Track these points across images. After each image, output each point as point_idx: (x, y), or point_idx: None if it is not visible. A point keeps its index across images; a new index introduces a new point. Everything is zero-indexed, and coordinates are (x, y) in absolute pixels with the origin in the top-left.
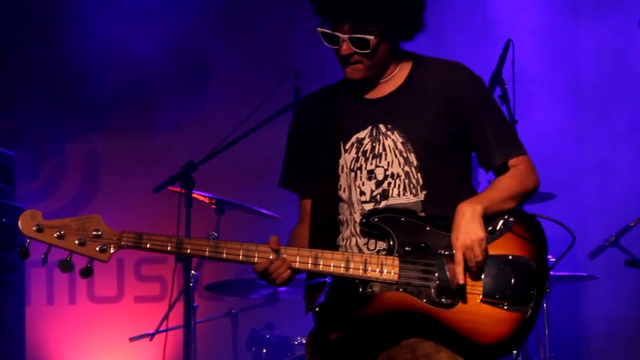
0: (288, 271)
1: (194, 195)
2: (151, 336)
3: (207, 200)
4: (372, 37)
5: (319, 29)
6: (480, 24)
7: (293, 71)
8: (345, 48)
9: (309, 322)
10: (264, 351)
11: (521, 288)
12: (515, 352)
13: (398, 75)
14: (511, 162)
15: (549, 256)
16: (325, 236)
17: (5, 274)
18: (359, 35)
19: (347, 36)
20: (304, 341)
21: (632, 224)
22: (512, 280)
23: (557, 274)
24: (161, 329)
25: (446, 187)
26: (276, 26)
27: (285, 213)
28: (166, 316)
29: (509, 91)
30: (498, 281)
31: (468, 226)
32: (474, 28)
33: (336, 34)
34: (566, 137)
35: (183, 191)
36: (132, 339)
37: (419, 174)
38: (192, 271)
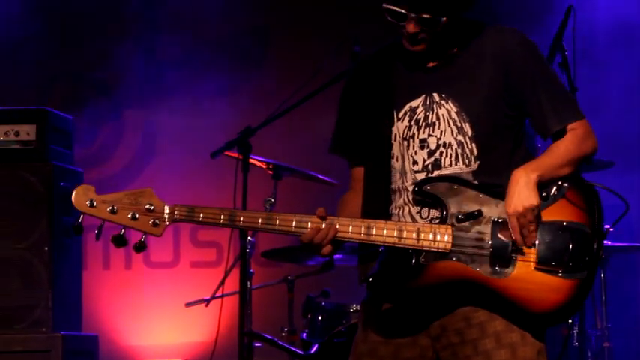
0: (329, 245)
1: (251, 160)
2: (207, 301)
3: (264, 166)
4: (444, 19)
5: (385, 5)
6: None
7: (351, 37)
8: (413, 27)
9: (364, 290)
10: (320, 318)
11: (576, 254)
12: (571, 320)
13: (453, 42)
14: (568, 127)
15: (606, 226)
16: (379, 205)
17: (63, 238)
18: (431, 16)
19: (416, 15)
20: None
21: None
22: (567, 247)
23: (615, 244)
24: (217, 295)
25: (500, 155)
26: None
27: (342, 179)
28: (222, 282)
29: (569, 58)
30: (552, 248)
31: (521, 193)
32: None
33: (406, 13)
34: (629, 105)
35: (240, 157)
36: (188, 304)
37: (473, 144)
38: (249, 238)
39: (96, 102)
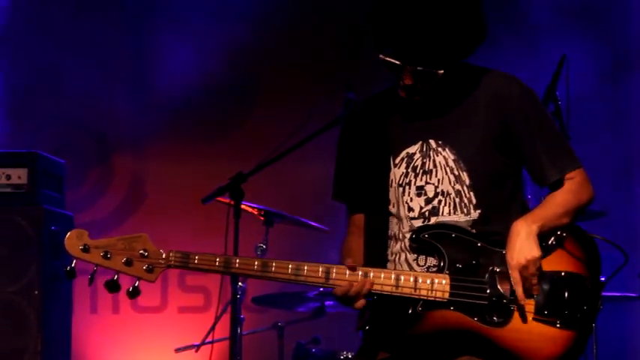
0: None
1: (243, 206)
2: (197, 347)
3: (255, 212)
4: (440, 72)
5: (382, 57)
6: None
7: (345, 84)
8: (409, 79)
9: (355, 337)
10: None
11: (574, 306)
12: None
13: (450, 88)
14: (566, 176)
15: (602, 278)
16: (377, 252)
17: (53, 282)
18: (427, 69)
19: (414, 69)
20: (350, 356)
21: None
22: (565, 298)
23: (606, 294)
24: (207, 340)
25: (498, 204)
26: (328, 44)
27: (333, 226)
28: (213, 328)
29: (562, 108)
30: (550, 299)
31: (523, 245)
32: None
33: (401, 64)
34: (616, 155)
35: (232, 202)
36: (177, 350)
37: (471, 193)
38: (240, 284)
39: (85, 146)
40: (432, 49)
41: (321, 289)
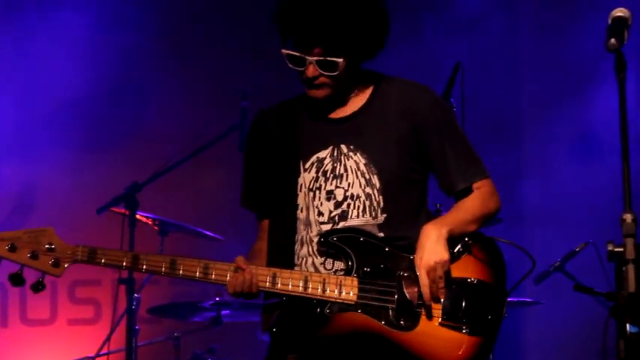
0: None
1: (138, 216)
2: (92, 359)
3: (150, 222)
4: (340, 60)
5: (284, 51)
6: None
7: (240, 92)
8: (312, 70)
9: (251, 347)
10: None
11: (480, 312)
12: None
13: (361, 95)
14: (474, 185)
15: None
16: (283, 255)
17: None
18: (328, 58)
19: (315, 59)
20: None
21: (577, 249)
22: (471, 304)
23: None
24: (102, 352)
25: (406, 209)
26: (222, 49)
27: (227, 234)
28: (108, 339)
29: (457, 115)
30: (457, 304)
31: (432, 248)
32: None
33: (304, 56)
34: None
35: (127, 212)
36: None
37: (381, 196)
38: (135, 294)
39: None
40: (329, 36)
41: (217, 298)
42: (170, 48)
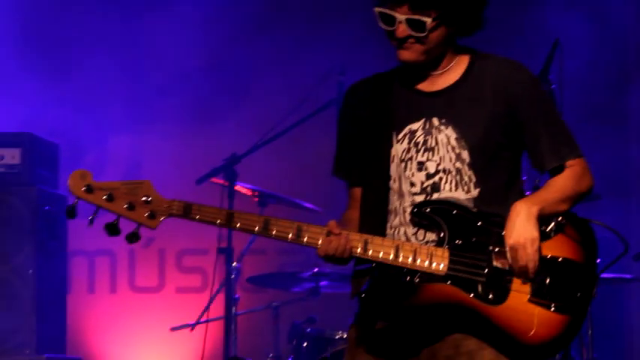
0: (348, 249)
1: (237, 187)
2: (192, 326)
3: (249, 193)
4: (429, 20)
5: (376, 9)
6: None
7: (337, 66)
8: (402, 30)
9: (350, 317)
10: (305, 345)
11: (570, 291)
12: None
13: (455, 69)
14: (567, 164)
15: (598, 260)
16: (375, 224)
17: (47, 262)
18: (416, 17)
19: (404, 17)
20: (345, 336)
21: None
22: (562, 283)
23: (602, 276)
24: (202, 320)
25: (498, 186)
26: (321, 26)
27: (326, 207)
28: (207, 308)
29: (556, 93)
30: (547, 282)
31: (522, 225)
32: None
33: (394, 14)
34: (611, 138)
35: (226, 183)
36: (173, 329)
37: (471, 171)
38: (234, 263)
39: (81, 127)
40: None
41: (316, 269)
42: (273, 22)
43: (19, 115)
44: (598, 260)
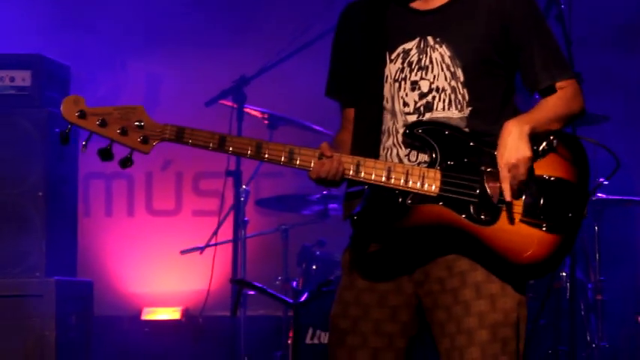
0: (340, 172)
1: (247, 109)
2: (201, 249)
3: (259, 115)
4: None
5: None
6: None
7: None
8: None
9: None
10: (314, 267)
11: (562, 211)
12: (565, 273)
13: None
14: (558, 85)
15: (601, 179)
16: (368, 145)
17: (58, 186)
18: None
19: None
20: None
21: None
22: (553, 202)
23: (610, 197)
24: (211, 243)
25: (491, 104)
26: None
27: (336, 129)
28: (216, 232)
29: (564, 12)
30: (539, 201)
31: (514, 144)
32: None
33: None
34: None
35: (235, 105)
36: (183, 252)
37: (465, 89)
38: (243, 186)
39: (98, 52)
40: None
41: (325, 192)
42: None
43: (30, 36)
44: (601, 179)
